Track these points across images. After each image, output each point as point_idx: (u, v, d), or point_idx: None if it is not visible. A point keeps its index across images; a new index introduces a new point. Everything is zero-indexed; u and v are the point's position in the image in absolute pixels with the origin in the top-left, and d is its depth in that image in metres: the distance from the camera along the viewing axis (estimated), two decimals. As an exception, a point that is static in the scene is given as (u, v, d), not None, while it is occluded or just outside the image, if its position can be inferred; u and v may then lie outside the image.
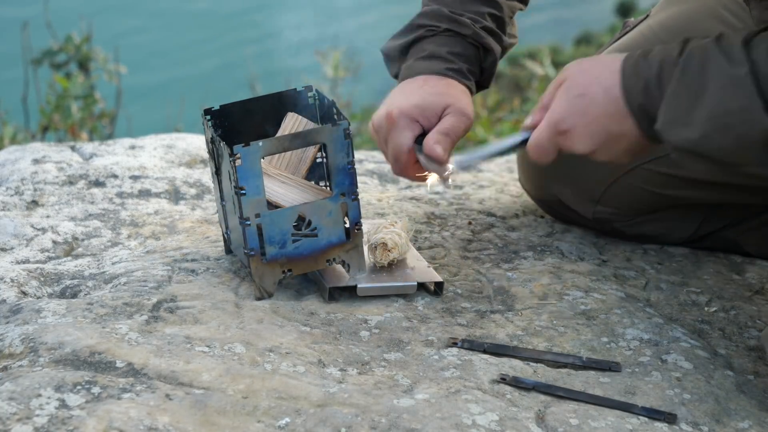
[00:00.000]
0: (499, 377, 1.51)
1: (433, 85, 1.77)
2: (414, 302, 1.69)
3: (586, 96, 1.51)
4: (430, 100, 1.74)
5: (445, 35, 1.82)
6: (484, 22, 1.83)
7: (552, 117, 1.54)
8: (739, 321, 1.73)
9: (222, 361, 1.48)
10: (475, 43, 1.82)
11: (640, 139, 1.52)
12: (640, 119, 1.50)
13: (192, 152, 2.33)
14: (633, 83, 1.49)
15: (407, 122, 1.73)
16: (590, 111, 1.51)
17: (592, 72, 1.52)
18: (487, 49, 1.83)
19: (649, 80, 1.48)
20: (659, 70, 1.48)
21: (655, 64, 1.48)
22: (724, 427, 1.47)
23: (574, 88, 1.53)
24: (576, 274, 1.82)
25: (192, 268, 1.75)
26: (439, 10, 1.84)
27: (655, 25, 1.90)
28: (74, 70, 4.87)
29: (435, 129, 1.72)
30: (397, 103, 1.74)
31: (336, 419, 1.37)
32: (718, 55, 1.44)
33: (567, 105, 1.53)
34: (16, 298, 1.65)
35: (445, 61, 1.80)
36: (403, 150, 1.73)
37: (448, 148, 1.71)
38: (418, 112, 1.73)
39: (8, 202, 2.05)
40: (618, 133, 1.52)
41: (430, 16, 1.84)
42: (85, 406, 1.35)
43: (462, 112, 1.74)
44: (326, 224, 1.64)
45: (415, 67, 1.81)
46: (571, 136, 1.54)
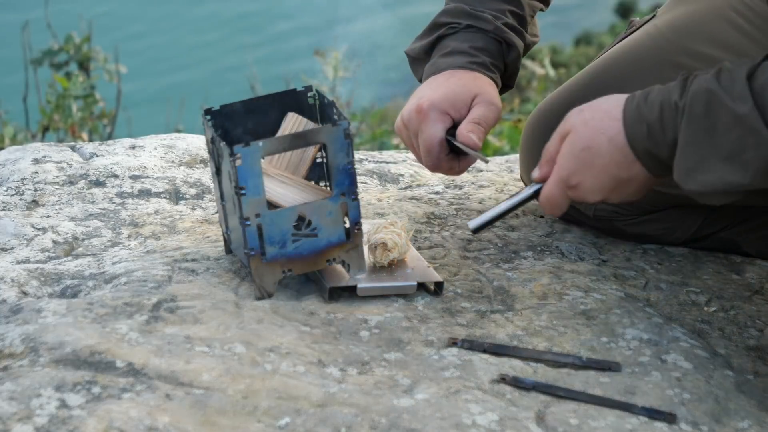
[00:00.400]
0: (499, 377, 1.51)
1: (459, 77, 1.78)
2: (414, 302, 1.69)
3: (591, 149, 1.53)
4: (458, 91, 1.76)
5: (467, 31, 1.83)
6: (506, 19, 1.84)
7: (560, 173, 1.56)
8: (739, 321, 1.73)
9: (222, 361, 1.48)
10: (497, 38, 1.83)
11: (648, 179, 1.54)
12: (647, 162, 1.52)
13: (192, 152, 2.33)
14: (637, 129, 1.50)
15: (438, 114, 1.75)
16: (597, 163, 1.53)
17: (594, 123, 1.53)
18: (510, 45, 1.84)
19: (651, 125, 1.49)
20: (660, 113, 1.48)
21: (656, 106, 1.49)
22: (723, 427, 1.47)
23: (578, 142, 1.54)
24: (576, 274, 1.82)
25: (192, 268, 1.75)
26: (459, 7, 1.85)
27: (662, 25, 1.90)
28: (74, 70, 4.87)
29: (466, 119, 1.74)
30: (426, 96, 1.75)
31: (336, 419, 1.37)
32: (722, 94, 1.44)
33: (573, 160, 1.54)
34: (16, 298, 1.65)
35: (467, 55, 1.81)
36: (436, 142, 1.75)
37: (481, 136, 1.74)
38: (448, 104, 1.74)
39: (8, 202, 2.05)
40: (627, 178, 1.54)
41: (450, 14, 1.86)
42: (86, 406, 1.36)
43: (490, 101, 1.76)
44: (326, 224, 1.64)
45: (439, 64, 1.83)
46: (581, 189, 1.56)
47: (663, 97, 1.49)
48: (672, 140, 1.48)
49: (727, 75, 1.45)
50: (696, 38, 1.83)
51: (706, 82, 1.46)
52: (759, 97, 1.42)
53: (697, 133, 1.45)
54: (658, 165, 1.52)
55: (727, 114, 1.43)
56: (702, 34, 1.83)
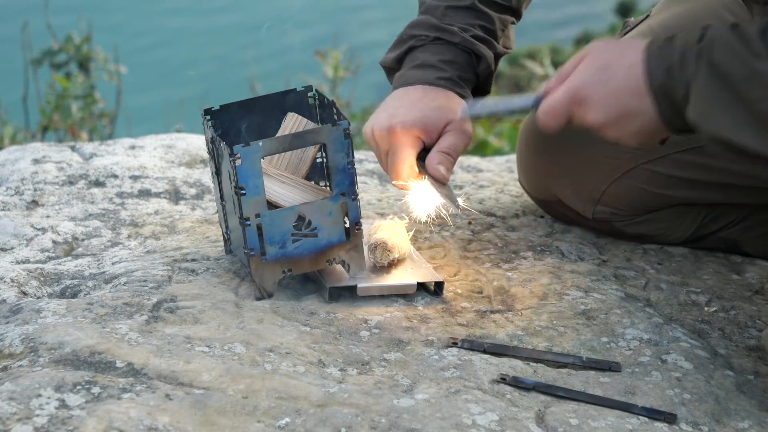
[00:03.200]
0: (499, 377, 1.51)
1: (432, 98, 1.78)
2: (414, 302, 1.69)
3: (609, 69, 1.51)
4: (431, 115, 1.75)
5: (435, 44, 1.83)
6: (474, 31, 1.84)
7: (572, 83, 1.53)
8: (739, 321, 1.73)
9: (222, 361, 1.48)
10: (465, 50, 1.83)
11: (653, 121, 1.51)
12: (659, 99, 1.49)
13: (192, 152, 2.33)
14: (656, 64, 1.49)
15: (410, 139, 1.75)
16: (611, 83, 1.51)
17: (617, 48, 1.52)
18: (479, 56, 1.83)
19: (672, 63, 1.48)
20: (682, 55, 1.47)
21: (678, 48, 1.48)
22: (724, 427, 1.47)
23: (597, 60, 1.52)
24: (576, 274, 1.82)
25: (192, 268, 1.75)
26: (428, 19, 1.85)
27: (656, 25, 1.90)
28: (74, 70, 4.87)
29: (436, 148, 1.74)
30: (400, 117, 1.75)
31: (336, 419, 1.37)
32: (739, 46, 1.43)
33: (588, 75, 1.52)
34: (16, 298, 1.65)
35: (435, 69, 1.81)
36: (406, 166, 1.75)
37: (450, 167, 1.74)
38: (421, 128, 1.75)
39: (8, 202, 2.05)
40: (634, 111, 1.51)
41: (419, 26, 1.85)
42: (85, 406, 1.35)
43: (462, 129, 1.76)
44: (326, 224, 1.64)
45: (408, 76, 1.82)
46: (586, 106, 1.53)
47: (686, 39, 1.48)
48: (687, 81, 1.47)
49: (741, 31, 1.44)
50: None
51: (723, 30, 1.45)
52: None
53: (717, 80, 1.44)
54: (668, 105, 1.49)
55: (744, 67, 1.42)
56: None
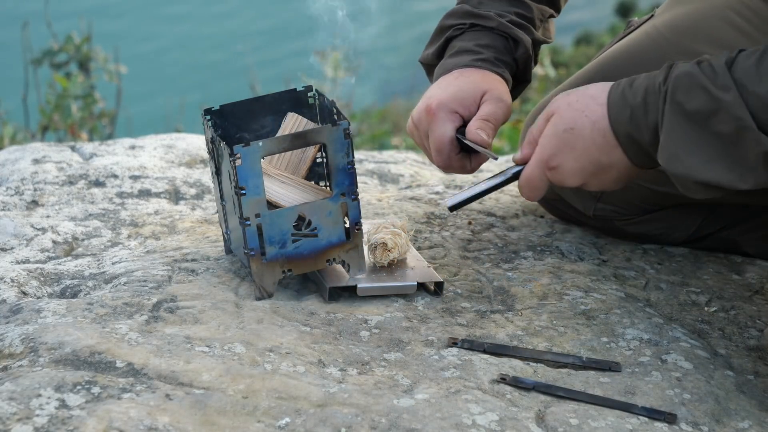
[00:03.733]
0: (499, 377, 1.51)
1: (468, 75, 1.79)
2: (414, 302, 1.69)
3: (574, 130, 1.54)
4: (466, 89, 1.76)
5: (472, 31, 1.84)
6: (511, 17, 1.85)
7: (542, 154, 1.57)
8: (739, 321, 1.73)
9: (222, 361, 1.48)
10: (502, 35, 1.83)
11: (629, 167, 1.56)
12: (628, 148, 1.53)
13: (192, 152, 2.33)
14: (620, 113, 1.52)
15: (447, 114, 1.75)
16: (578, 145, 1.54)
17: (579, 106, 1.54)
18: (516, 40, 1.84)
19: (634, 108, 1.50)
20: (644, 97, 1.50)
21: (640, 91, 1.51)
22: (724, 427, 1.47)
23: (561, 123, 1.55)
24: (576, 274, 1.82)
25: (192, 268, 1.75)
26: (463, 8, 1.86)
27: (661, 25, 1.90)
28: (74, 70, 4.87)
29: (475, 117, 1.74)
30: (435, 96, 1.76)
31: (336, 419, 1.37)
32: (704, 80, 1.45)
33: (556, 140, 1.55)
34: (16, 298, 1.65)
35: (473, 53, 1.82)
36: (446, 141, 1.75)
37: (491, 133, 1.74)
38: (457, 102, 1.75)
39: (8, 202, 2.05)
40: (607, 164, 1.55)
41: (455, 16, 1.86)
42: (85, 406, 1.36)
43: (499, 98, 1.76)
44: (326, 224, 1.64)
45: (446, 64, 1.83)
46: (561, 171, 1.57)
47: (648, 82, 1.51)
48: (654, 124, 1.49)
49: (707, 65, 1.47)
50: (695, 38, 1.83)
51: (687, 67, 1.48)
52: (741, 85, 1.43)
53: (681, 118, 1.46)
54: (639, 151, 1.52)
55: (710, 101, 1.44)
56: (701, 33, 1.83)
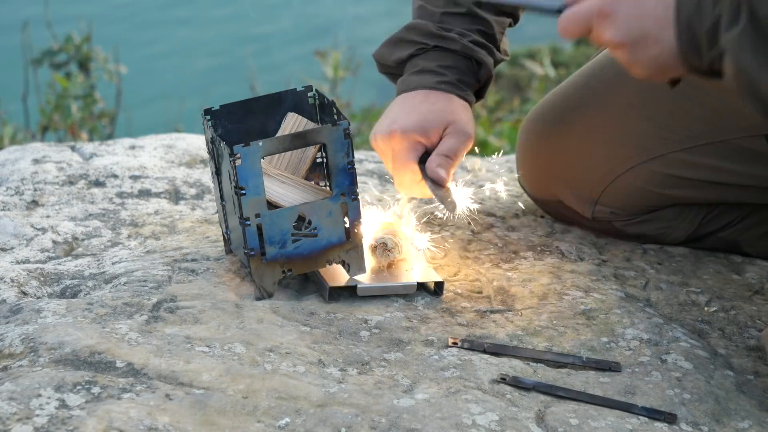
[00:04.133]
0: (499, 377, 1.51)
1: (433, 101, 1.78)
2: (414, 302, 1.69)
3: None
4: (430, 118, 1.76)
5: (435, 51, 1.83)
6: (473, 36, 1.84)
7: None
8: (739, 321, 1.73)
9: (222, 361, 1.48)
10: (465, 56, 1.83)
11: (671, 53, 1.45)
12: (682, 33, 1.44)
13: (192, 152, 2.33)
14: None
15: (410, 143, 1.76)
16: (641, 4, 1.45)
17: None
18: (479, 62, 1.83)
19: None
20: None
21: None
22: (724, 427, 1.47)
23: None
24: (576, 274, 1.82)
25: (192, 268, 1.75)
26: (425, 26, 1.84)
27: None
28: (74, 70, 4.87)
29: (436, 151, 1.75)
30: (400, 122, 1.76)
31: (336, 419, 1.37)
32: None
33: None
34: (16, 298, 1.65)
35: (435, 74, 1.81)
36: (407, 170, 1.76)
37: (450, 170, 1.74)
38: (421, 132, 1.75)
39: (8, 202, 2.05)
40: (654, 38, 1.45)
41: (417, 32, 1.85)
42: (85, 406, 1.35)
43: (462, 131, 1.76)
44: (326, 224, 1.64)
45: (408, 81, 1.83)
46: (609, 21, 1.46)
47: None
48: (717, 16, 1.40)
49: None
50: None
51: None
52: None
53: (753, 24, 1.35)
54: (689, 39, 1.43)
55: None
56: None
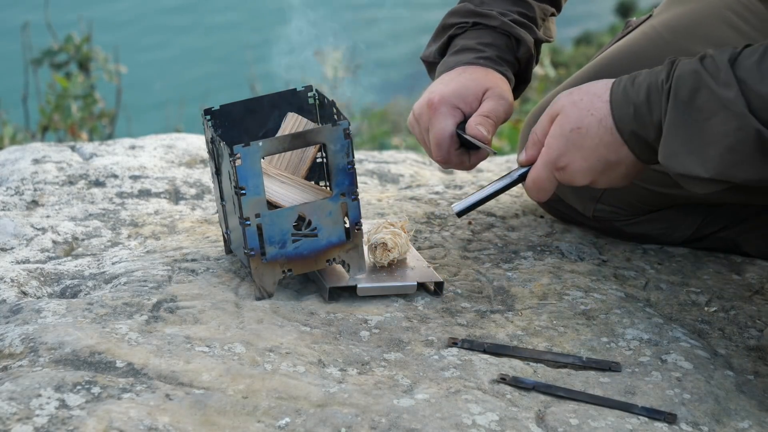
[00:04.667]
0: (499, 377, 1.51)
1: (470, 72, 1.79)
2: (414, 302, 1.69)
3: (581, 129, 1.54)
4: (469, 85, 1.77)
5: (475, 29, 1.85)
6: (513, 16, 1.85)
7: (549, 154, 1.57)
8: (739, 321, 1.73)
9: (222, 361, 1.48)
10: (505, 33, 1.84)
11: (636, 163, 1.56)
12: (634, 144, 1.53)
13: (192, 152, 2.33)
14: (624, 111, 1.52)
15: (448, 109, 1.75)
16: (586, 144, 1.54)
17: (584, 104, 1.54)
18: (519, 39, 1.84)
19: (638, 106, 1.51)
20: (647, 95, 1.50)
21: (643, 88, 1.51)
22: (724, 427, 1.47)
23: (567, 122, 1.55)
24: (576, 274, 1.82)
25: (192, 268, 1.75)
26: (466, 6, 1.86)
27: (659, 25, 1.90)
28: (74, 70, 4.87)
29: (476, 113, 1.75)
30: (437, 91, 1.77)
31: (336, 419, 1.37)
32: (707, 78, 1.45)
33: (563, 140, 1.55)
34: (16, 298, 1.65)
35: (475, 51, 1.82)
36: (446, 136, 1.75)
37: (490, 129, 1.74)
38: (459, 98, 1.75)
39: (8, 202, 2.05)
40: (615, 161, 1.55)
41: (458, 14, 1.87)
42: (85, 406, 1.36)
43: (501, 95, 1.76)
44: (326, 224, 1.64)
45: (448, 62, 1.84)
46: (569, 170, 1.57)
47: (650, 79, 1.51)
48: (658, 121, 1.49)
49: (711, 61, 1.47)
50: (693, 38, 1.83)
51: (691, 65, 1.48)
52: (743, 83, 1.43)
53: (683, 116, 1.46)
54: (645, 147, 1.52)
55: (713, 98, 1.44)
56: (699, 33, 1.83)
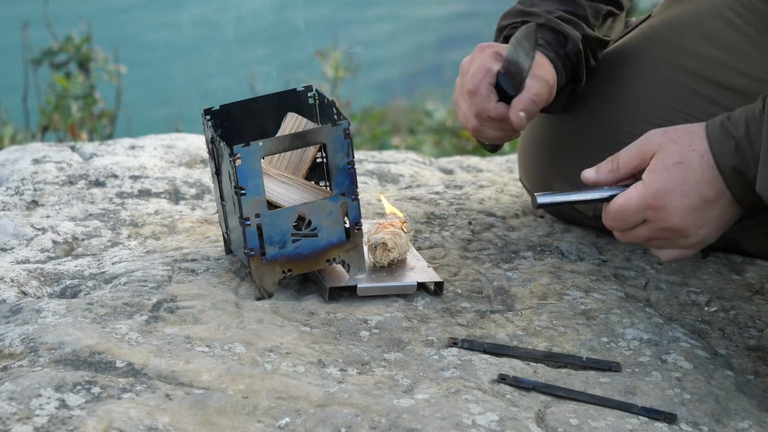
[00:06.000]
0: (499, 377, 1.51)
1: None
2: (414, 302, 1.69)
3: (683, 164, 1.51)
4: None
5: None
6: (559, 13, 1.86)
7: (649, 188, 1.52)
8: (739, 321, 1.73)
9: (222, 361, 1.48)
10: (551, 29, 1.84)
11: (731, 205, 1.53)
12: (733, 181, 1.50)
13: (192, 152, 2.33)
14: (724, 145, 1.49)
15: (493, 52, 1.76)
16: (689, 179, 1.51)
17: (684, 141, 1.52)
18: (566, 36, 1.84)
19: (738, 140, 1.48)
20: (747, 127, 1.48)
21: (741, 122, 1.49)
22: (724, 427, 1.47)
23: (669, 157, 1.52)
24: (576, 274, 1.82)
25: (192, 268, 1.75)
26: (515, 7, 1.88)
27: (658, 25, 1.90)
28: (74, 70, 4.87)
29: (526, 91, 1.73)
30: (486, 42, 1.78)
31: (336, 419, 1.37)
32: None
33: (665, 175, 1.51)
34: (16, 298, 1.65)
35: None
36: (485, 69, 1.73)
37: (531, 117, 1.75)
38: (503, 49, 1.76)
39: (8, 202, 2.05)
40: (713, 199, 1.52)
41: (509, 15, 1.89)
42: (85, 406, 1.36)
43: (545, 79, 1.76)
44: (326, 224, 1.64)
45: None
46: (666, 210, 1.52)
47: (747, 113, 1.49)
48: (758, 154, 1.47)
49: None
50: (692, 37, 1.84)
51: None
52: None
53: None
54: (743, 184, 1.50)
55: None
56: (698, 32, 1.84)
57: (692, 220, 1.53)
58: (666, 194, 1.52)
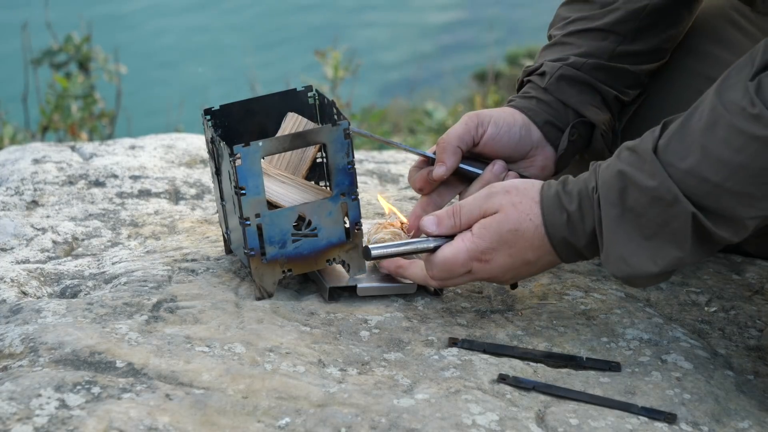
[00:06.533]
0: (499, 377, 1.51)
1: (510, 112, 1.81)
2: (414, 302, 1.69)
3: (518, 231, 1.55)
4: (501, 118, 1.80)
5: None
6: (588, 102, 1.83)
7: (478, 244, 1.56)
8: (739, 321, 1.73)
9: (222, 361, 1.48)
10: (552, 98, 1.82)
11: (554, 263, 1.58)
12: (562, 250, 1.55)
13: (192, 152, 2.33)
14: (556, 218, 1.53)
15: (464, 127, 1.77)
16: (518, 244, 1.55)
17: (523, 208, 1.55)
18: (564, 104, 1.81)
19: (571, 214, 1.52)
20: (579, 203, 1.51)
21: (575, 196, 1.52)
22: (723, 427, 1.47)
23: (507, 223, 1.55)
24: (576, 274, 1.82)
25: (192, 268, 1.75)
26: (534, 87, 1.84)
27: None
28: (74, 70, 4.87)
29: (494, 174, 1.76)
30: None
31: (336, 419, 1.37)
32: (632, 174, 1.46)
33: (497, 237, 1.55)
34: (16, 298, 1.65)
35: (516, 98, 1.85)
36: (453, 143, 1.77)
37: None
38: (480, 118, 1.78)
39: (8, 202, 2.05)
40: (535, 261, 1.57)
41: None
42: (85, 406, 1.36)
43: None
44: (326, 224, 1.64)
45: None
46: (490, 264, 1.57)
47: (581, 187, 1.52)
48: (591, 230, 1.51)
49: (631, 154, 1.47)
50: (700, 38, 1.83)
51: (612, 167, 1.49)
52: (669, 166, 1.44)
53: (617, 221, 1.47)
54: (572, 252, 1.55)
55: (641, 194, 1.45)
56: (705, 33, 1.83)
57: (510, 275, 1.59)
58: (493, 252, 1.56)
